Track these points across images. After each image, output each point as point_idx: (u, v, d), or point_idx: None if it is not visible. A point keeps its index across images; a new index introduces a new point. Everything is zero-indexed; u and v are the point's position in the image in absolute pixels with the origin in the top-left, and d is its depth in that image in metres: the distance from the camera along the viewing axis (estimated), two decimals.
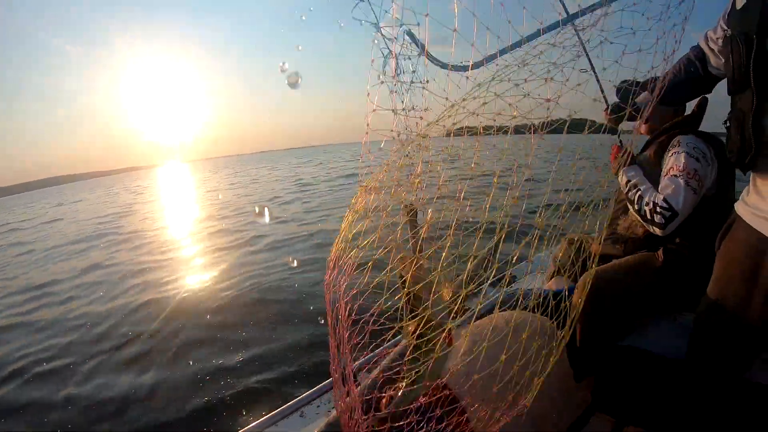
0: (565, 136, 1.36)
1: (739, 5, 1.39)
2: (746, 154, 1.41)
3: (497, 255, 2.12)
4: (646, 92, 1.85)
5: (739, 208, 1.57)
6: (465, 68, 1.51)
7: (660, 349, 2.07)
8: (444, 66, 1.50)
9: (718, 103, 1.90)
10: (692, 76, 1.71)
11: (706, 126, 2.11)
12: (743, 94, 1.39)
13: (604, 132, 2.10)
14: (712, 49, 1.60)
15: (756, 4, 1.33)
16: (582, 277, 1.93)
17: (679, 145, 2.01)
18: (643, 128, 2.28)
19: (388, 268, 1.23)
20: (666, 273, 2.04)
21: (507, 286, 2.08)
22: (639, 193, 2.03)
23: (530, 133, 1.46)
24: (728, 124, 1.48)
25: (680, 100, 2.08)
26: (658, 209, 1.94)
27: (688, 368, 1.75)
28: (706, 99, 2.05)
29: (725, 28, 1.47)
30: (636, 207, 2.04)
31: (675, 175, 1.94)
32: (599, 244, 2.12)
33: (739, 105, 1.41)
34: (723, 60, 1.51)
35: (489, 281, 2.10)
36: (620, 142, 2.38)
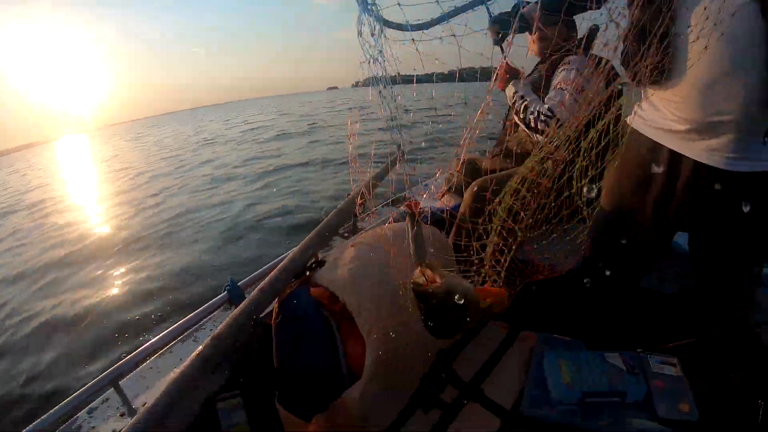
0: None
1: None
2: (661, 76, 1.46)
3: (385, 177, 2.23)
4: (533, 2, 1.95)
5: (632, 120, 1.65)
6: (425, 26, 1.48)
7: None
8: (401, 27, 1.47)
9: None
10: None
11: None
12: None
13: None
14: None
15: None
16: (469, 187, 2.03)
17: (569, 63, 2.12)
18: (535, 48, 2.39)
19: None
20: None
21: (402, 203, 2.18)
22: (525, 103, 2.14)
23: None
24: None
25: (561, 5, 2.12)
26: (542, 117, 2.05)
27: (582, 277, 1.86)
28: (597, 26, 2.16)
29: None
30: (522, 116, 2.15)
31: (561, 88, 2.06)
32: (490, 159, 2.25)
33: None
34: None
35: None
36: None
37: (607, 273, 1.75)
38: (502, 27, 2.16)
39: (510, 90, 2.26)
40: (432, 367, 1.56)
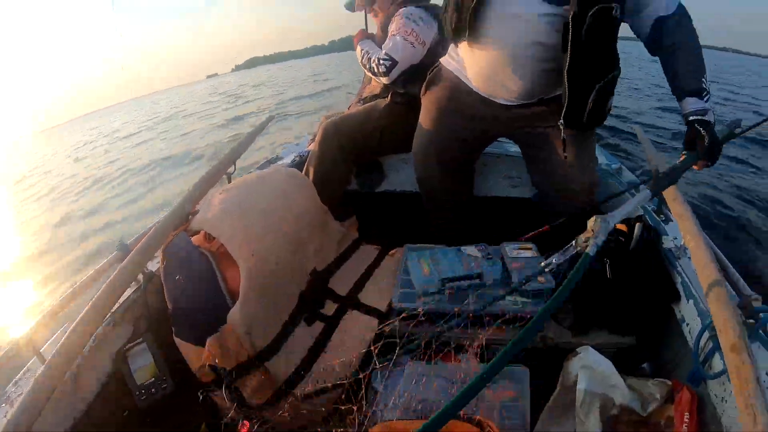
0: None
1: None
2: (460, 35, 1.74)
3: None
4: None
5: (446, 60, 1.98)
6: None
7: (401, 187, 2.44)
8: None
9: None
10: None
11: None
12: None
13: None
14: None
15: None
16: (322, 127, 2.23)
17: (398, 14, 2.35)
18: (377, 21, 2.62)
19: None
20: (392, 113, 2.35)
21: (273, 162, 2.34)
22: (368, 55, 2.37)
23: None
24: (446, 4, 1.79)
25: None
26: (381, 61, 2.29)
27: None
28: None
29: None
30: (367, 66, 2.39)
31: (394, 35, 2.30)
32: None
33: None
34: None
35: None
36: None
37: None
38: (347, 8, 2.63)
39: (358, 48, 2.52)
40: (309, 285, 1.68)
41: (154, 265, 1.62)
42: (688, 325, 1.44)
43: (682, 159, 1.59)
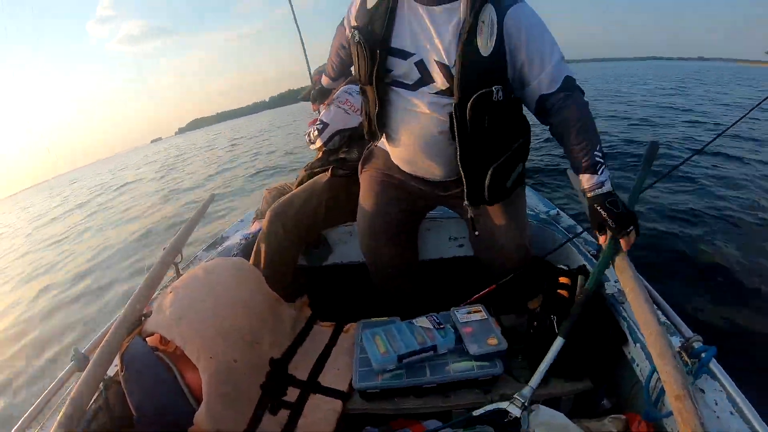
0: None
1: (369, 4, 1.71)
2: (374, 137, 1.90)
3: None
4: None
5: (378, 144, 2.06)
6: None
7: (349, 259, 2.52)
8: None
9: None
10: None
11: None
12: (367, 91, 1.78)
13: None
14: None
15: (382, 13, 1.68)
16: (267, 215, 2.27)
17: (337, 90, 2.62)
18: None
19: None
20: (334, 186, 2.45)
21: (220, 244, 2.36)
22: (310, 131, 2.62)
23: None
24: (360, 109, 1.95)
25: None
26: (315, 127, 2.56)
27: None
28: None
29: (354, 24, 1.76)
30: (307, 139, 2.67)
31: (329, 104, 2.58)
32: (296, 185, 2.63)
33: (368, 96, 1.79)
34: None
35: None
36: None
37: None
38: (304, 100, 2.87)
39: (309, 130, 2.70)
40: (269, 375, 1.71)
41: (112, 371, 1.61)
42: (638, 365, 1.53)
43: (603, 246, 1.67)
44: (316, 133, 2.56)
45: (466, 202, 1.79)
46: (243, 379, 1.60)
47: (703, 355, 1.30)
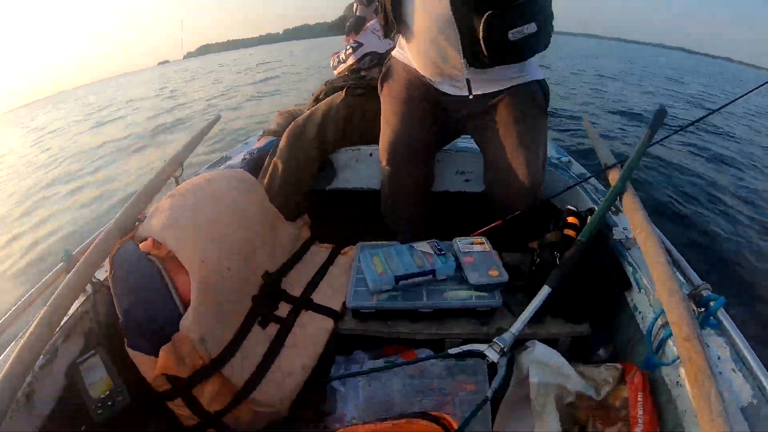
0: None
1: None
2: (391, 30, 1.83)
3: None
4: None
5: (396, 52, 2.04)
6: None
7: (353, 185, 2.47)
8: None
9: None
10: None
11: None
12: None
13: None
14: None
15: None
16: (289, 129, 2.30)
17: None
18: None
19: None
20: (350, 105, 2.42)
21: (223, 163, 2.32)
22: (339, 53, 2.75)
23: None
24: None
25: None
26: (349, 45, 2.64)
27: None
28: None
29: None
30: (338, 57, 2.77)
31: (365, 30, 2.65)
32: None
33: None
34: None
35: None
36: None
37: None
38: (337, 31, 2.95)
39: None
40: (261, 289, 1.67)
41: (102, 273, 1.57)
42: (640, 313, 1.48)
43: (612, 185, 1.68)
44: (350, 50, 2.64)
45: (462, 60, 1.74)
46: (234, 289, 1.55)
47: (711, 304, 1.24)
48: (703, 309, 1.24)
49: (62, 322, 1.41)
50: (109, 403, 1.34)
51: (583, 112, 9.57)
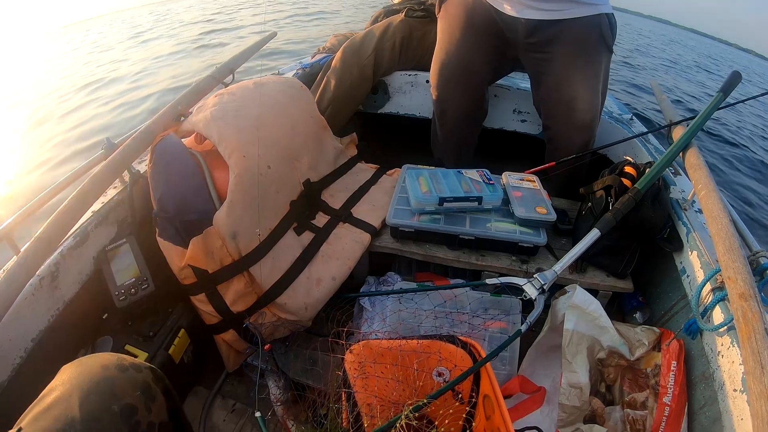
0: None
1: None
2: None
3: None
4: None
5: None
6: None
7: (405, 111, 2.41)
8: None
9: None
10: None
11: None
12: None
13: None
14: None
15: None
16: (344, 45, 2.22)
17: None
18: None
19: None
20: (408, 26, 2.32)
21: None
22: None
23: None
24: None
25: None
26: None
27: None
28: None
29: None
30: None
31: None
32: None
33: None
34: None
35: None
36: None
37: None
38: None
39: None
40: (301, 195, 1.63)
41: (142, 168, 1.56)
42: (688, 276, 1.39)
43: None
44: None
45: None
46: (272, 190, 1.51)
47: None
48: (758, 277, 1.15)
49: (97, 209, 1.41)
50: (133, 290, 1.33)
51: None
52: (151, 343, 1.33)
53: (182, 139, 1.54)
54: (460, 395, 1.15)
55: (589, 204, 1.60)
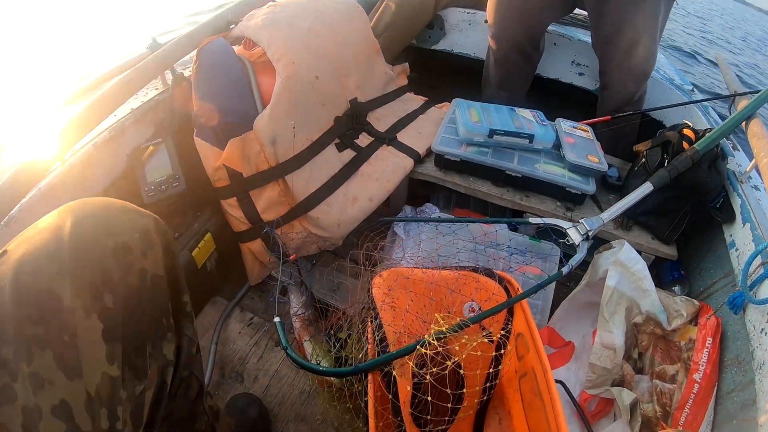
0: None
1: None
2: None
3: None
4: None
5: None
6: None
7: (459, 49, 2.34)
8: None
9: None
10: None
11: None
12: None
13: None
14: None
15: None
16: None
17: None
18: None
19: None
20: None
21: None
22: None
23: None
24: None
25: None
26: None
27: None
28: None
29: None
30: None
31: None
32: None
33: None
34: None
35: None
36: None
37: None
38: None
39: None
40: (346, 112, 1.58)
41: (186, 73, 1.51)
42: (737, 249, 1.31)
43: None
44: None
45: None
46: (317, 102, 1.46)
47: None
48: None
49: (136, 107, 1.38)
50: (163, 187, 1.31)
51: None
52: (175, 243, 1.31)
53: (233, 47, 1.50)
54: (489, 333, 1.11)
55: (644, 160, 1.52)
